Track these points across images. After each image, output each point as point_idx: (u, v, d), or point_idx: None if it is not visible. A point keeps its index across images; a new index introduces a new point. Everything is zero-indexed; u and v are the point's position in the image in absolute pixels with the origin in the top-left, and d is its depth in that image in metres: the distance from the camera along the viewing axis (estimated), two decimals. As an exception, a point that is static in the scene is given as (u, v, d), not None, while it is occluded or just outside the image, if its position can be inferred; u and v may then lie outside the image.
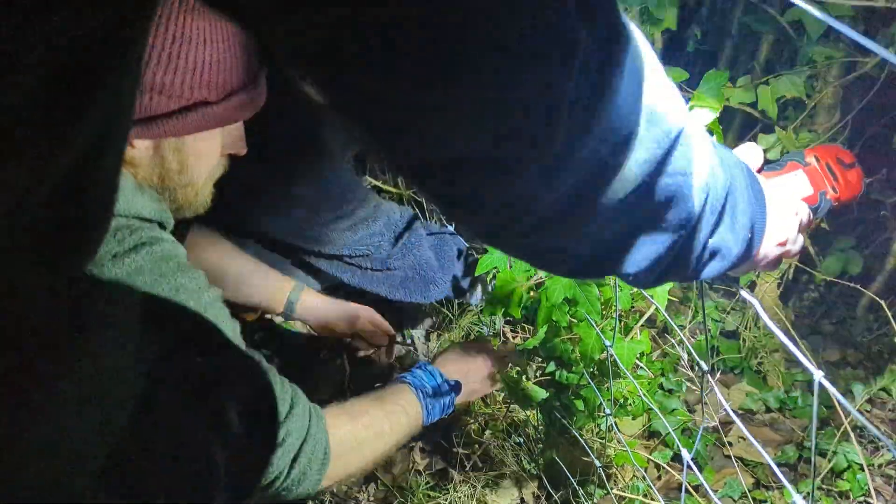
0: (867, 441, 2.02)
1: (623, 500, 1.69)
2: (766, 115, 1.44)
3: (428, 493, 1.77)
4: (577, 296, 1.20)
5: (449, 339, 1.97)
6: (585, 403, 1.44)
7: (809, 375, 1.92)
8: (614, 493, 1.54)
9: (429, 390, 1.34)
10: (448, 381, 1.39)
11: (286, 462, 1.02)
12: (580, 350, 1.32)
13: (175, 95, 0.86)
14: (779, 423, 1.96)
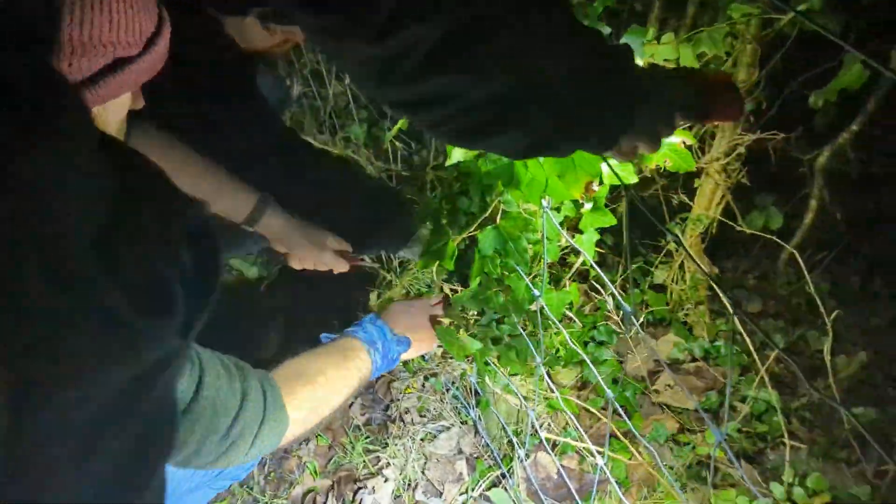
0: (786, 387, 2.14)
1: (556, 447, 1.76)
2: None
3: (367, 447, 1.81)
4: (506, 248, 1.24)
5: (389, 296, 1.99)
6: (518, 354, 1.48)
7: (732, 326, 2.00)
8: (545, 436, 1.59)
9: (379, 346, 1.37)
10: (397, 336, 1.43)
11: (246, 446, 1.06)
12: (511, 300, 1.36)
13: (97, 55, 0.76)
14: (703, 371, 2.05)
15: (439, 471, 1.76)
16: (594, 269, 1.24)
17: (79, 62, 0.75)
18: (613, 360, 1.95)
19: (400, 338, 1.44)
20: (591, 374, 1.95)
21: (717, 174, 1.79)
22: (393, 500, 1.71)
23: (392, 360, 1.42)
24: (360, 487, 1.71)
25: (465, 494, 1.71)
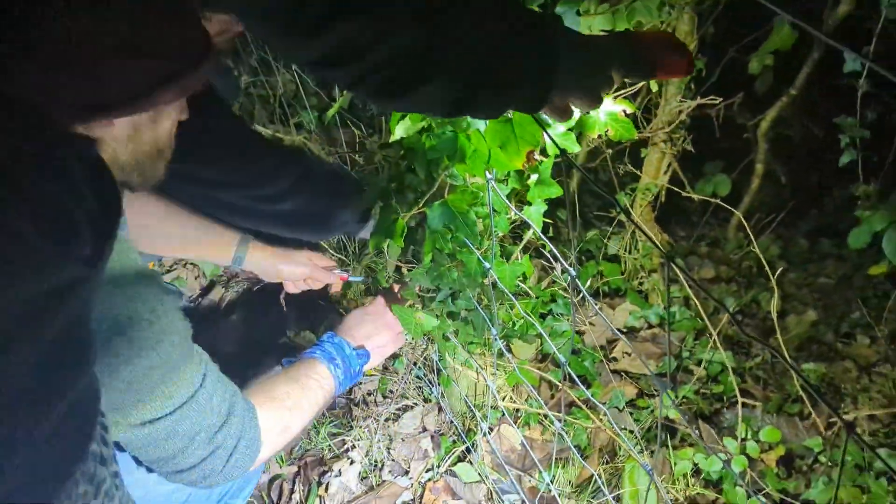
0: (741, 348, 2.20)
1: (518, 419, 1.79)
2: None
3: (332, 431, 1.81)
4: (455, 223, 1.25)
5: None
6: (474, 328, 1.50)
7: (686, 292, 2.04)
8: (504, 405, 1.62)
9: (339, 363, 1.37)
10: (356, 350, 1.43)
11: (223, 460, 1.06)
12: (464, 275, 1.37)
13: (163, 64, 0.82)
14: (660, 337, 2.10)
15: (405, 449, 1.77)
16: (543, 241, 1.26)
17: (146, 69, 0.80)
18: (571, 332, 1.98)
19: (359, 351, 1.44)
20: (547, 348, 1.98)
21: (663, 143, 1.83)
22: (360, 481, 1.72)
23: (355, 373, 1.41)
24: (325, 471, 1.72)
25: (432, 471, 1.73)
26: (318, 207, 1.71)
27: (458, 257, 1.37)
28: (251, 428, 1.11)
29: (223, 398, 1.06)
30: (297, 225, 1.73)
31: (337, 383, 1.35)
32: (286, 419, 1.21)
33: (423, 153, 1.20)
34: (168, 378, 0.97)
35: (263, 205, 1.70)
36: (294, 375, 1.30)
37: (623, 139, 1.29)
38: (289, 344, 1.98)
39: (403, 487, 1.70)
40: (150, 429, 0.97)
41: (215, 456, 1.06)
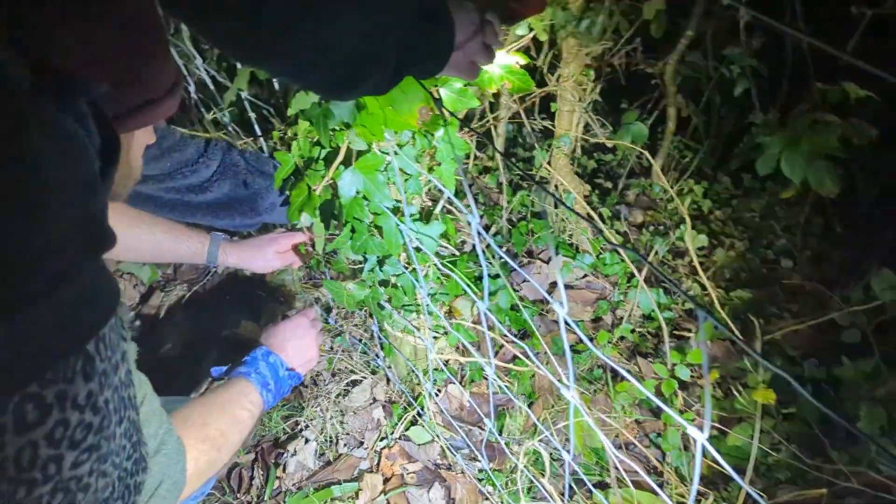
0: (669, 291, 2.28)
1: (464, 377, 1.84)
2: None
3: (285, 414, 1.84)
4: (366, 188, 1.28)
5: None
6: (405, 292, 1.54)
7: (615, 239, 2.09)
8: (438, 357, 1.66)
9: (272, 387, 1.36)
10: (289, 371, 1.43)
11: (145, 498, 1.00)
12: (385, 241, 1.41)
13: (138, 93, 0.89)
14: (593, 283, 2.17)
15: (358, 422, 1.81)
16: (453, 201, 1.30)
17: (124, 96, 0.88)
18: (508, 289, 2.04)
19: (292, 373, 1.43)
20: (491, 307, 2.03)
21: (570, 95, 1.88)
22: (317, 458, 1.75)
23: (283, 391, 1.41)
24: (280, 452, 1.75)
25: (386, 439, 1.77)
26: (243, 193, 1.73)
27: (376, 223, 1.41)
28: (176, 467, 1.05)
29: (153, 434, 1.02)
30: (225, 213, 1.75)
31: (266, 407, 1.34)
32: (213, 458, 1.18)
33: (324, 123, 1.23)
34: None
35: (188, 196, 1.72)
36: (228, 407, 1.26)
37: (521, 91, 1.34)
38: (231, 337, 2.00)
39: (360, 458, 1.74)
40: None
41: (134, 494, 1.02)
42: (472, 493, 1.64)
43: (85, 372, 0.57)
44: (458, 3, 0.99)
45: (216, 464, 1.17)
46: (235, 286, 2.21)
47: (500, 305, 2.01)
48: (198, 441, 1.12)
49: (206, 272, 2.26)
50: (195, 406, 1.22)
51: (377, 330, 1.81)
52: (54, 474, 0.56)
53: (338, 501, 1.65)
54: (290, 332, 1.50)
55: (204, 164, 1.69)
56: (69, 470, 0.58)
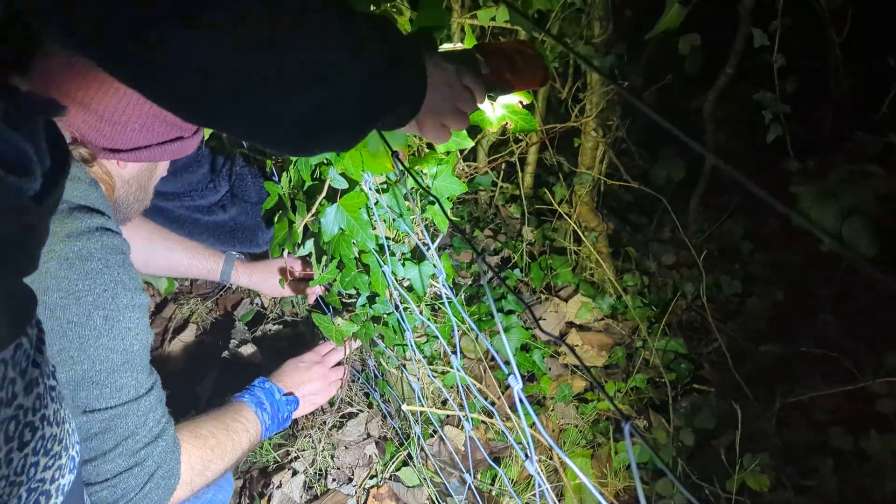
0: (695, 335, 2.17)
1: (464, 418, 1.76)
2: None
3: (277, 442, 1.81)
4: (349, 226, 1.23)
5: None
6: (394, 331, 1.48)
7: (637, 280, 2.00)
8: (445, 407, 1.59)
9: (267, 407, 1.38)
10: (285, 396, 1.44)
11: (140, 481, 1.06)
12: (371, 279, 1.36)
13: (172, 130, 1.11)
14: (612, 328, 2.07)
15: (349, 457, 1.76)
16: (459, 234, 1.24)
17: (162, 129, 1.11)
18: (520, 328, 1.96)
19: (289, 398, 1.45)
20: (499, 346, 1.96)
21: (593, 131, 1.80)
22: (305, 491, 1.71)
23: (283, 419, 1.43)
24: (267, 483, 1.71)
25: (376, 477, 1.71)
26: (247, 223, 1.72)
27: (363, 260, 1.36)
28: (172, 460, 1.11)
29: (158, 421, 1.08)
30: (228, 237, 1.75)
31: (263, 428, 1.37)
32: (207, 458, 1.21)
33: (306, 159, 1.19)
34: (123, 369, 1.01)
35: (199, 215, 1.73)
36: (220, 417, 1.31)
37: (524, 131, 1.27)
38: (229, 359, 1.97)
39: (347, 495, 1.69)
40: (89, 418, 0.99)
41: (132, 474, 1.06)
42: (457, 545, 1.57)
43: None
44: (435, 64, 0.92)
45: (209, 465, 1.21)
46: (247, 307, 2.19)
47: (511, 345, 1.93)
48: (190, 437, 1.18)
49: (220, 287, 2.25)
50: (189, 419, 1.28)
51: (373, 365, 1.76)
52: None
53: (319, 540, 1.60)
54: (292, 366, 1.55)
55: (213, 189, 1.70)
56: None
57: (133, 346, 1.02)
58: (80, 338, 0.97)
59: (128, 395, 1.02)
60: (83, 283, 0.96)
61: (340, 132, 0.79)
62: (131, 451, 1.04)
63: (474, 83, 0.91)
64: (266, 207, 1.36)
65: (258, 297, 2.20)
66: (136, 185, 1.19)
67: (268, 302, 2.18)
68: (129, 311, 1.02)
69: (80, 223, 0.97)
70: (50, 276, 0.94)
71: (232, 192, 1.79)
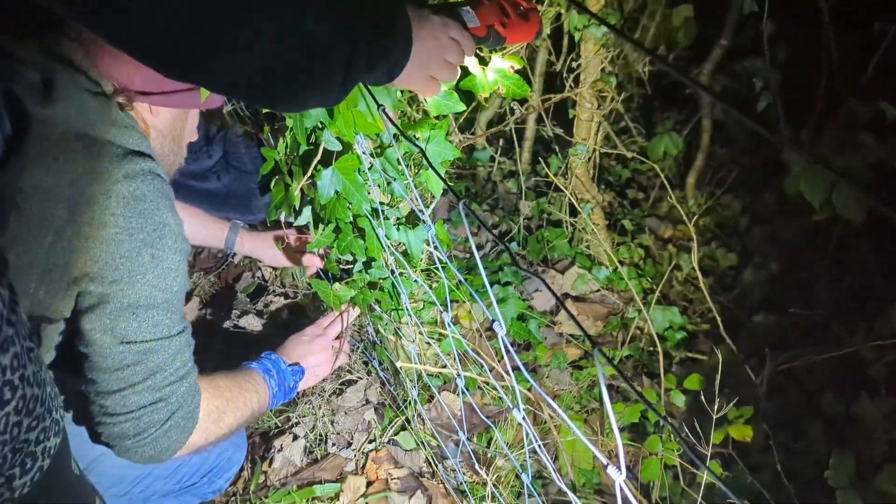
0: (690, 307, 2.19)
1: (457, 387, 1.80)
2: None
3: (279, 408, 1.84)
4: (345, 189, 1.26)
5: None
6: (390, 296, 1.51)
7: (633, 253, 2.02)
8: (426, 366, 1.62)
9: (273, 375, 1.43)
10: (291, 366, 1.50)
11: (161, 417, 1.11)
12: (367, 244, 1.39)
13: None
14: (607, 298, 2.09)
15: (348, 422, 1.80)
16: (453, 194, 1.27)
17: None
18: (516, 298, 1.99)
19: (294, 368, 1.50)
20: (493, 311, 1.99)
21: (588, 103, 1.82)
22: (305, 455, 1.75)
23: (290, 388, 1.48)
24: (268, 447, 1.75)
25: (375, 442, 1.75)
26: (240, 190, 1.74)
27: (358, 225, 1.39)
28: (193, 403, 1.16)
29: (184, 363, 1.14)
30: (221, 205, 1.77)
31: (271, 394, 1.42)
32: (222, 408, 1.26)
33: (300, 121, 1.21)
34: (162, 307, 1.07)
35: (192, 182, 1.75)
36: (233, 376, 1.36)
37: (516, 96, 1.29)
38: (232, 330, 2.01)
39: (347, 459, 1.73)
40: (125, 348, 1.05)
41: (156, 409, 1.10)
42: (453, 505, 1.61)
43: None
44: (421, 16, 0.94)
45: (223, 416, 1.26)
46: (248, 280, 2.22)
47: (507, 315, 1.96)
48: (208, 386, 1.24)
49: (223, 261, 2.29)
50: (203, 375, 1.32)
51: (372, 331, 1.79)
52: None
53: (318, 501, 1.64)
54: (296, 341, 1.59)
55: (206, 154, 1.72)
56: None
57: (172, 286, 1.08)
58: (129, 272, 1.02)
59: (161, 332, 1.08)
60: (136, 220, 1.01)
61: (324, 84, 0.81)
62: (158, 385, 1.09)
63: (461, 35, 0.93)
64: (263, 173, 1.38)
65: (259, 270, 2.23)
66: (170, 137, 1.23)
67: (269, 274, 2.22)
68: (173, 253, 1.07)
69: (136, 165, 1.01)
70: (108, 213, 0.98)
71: (225, 160, 1.82)
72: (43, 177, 0.94)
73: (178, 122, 1.24)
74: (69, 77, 1.00)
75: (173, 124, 1.23)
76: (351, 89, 0.89)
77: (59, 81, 0.99)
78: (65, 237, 0.97)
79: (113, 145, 1.01)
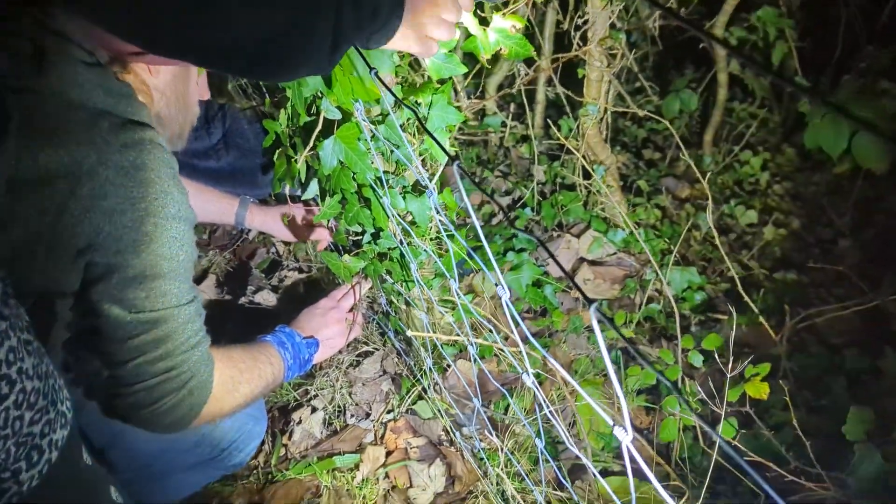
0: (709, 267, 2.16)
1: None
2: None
3: (297, 382, 1.85)
4: (348, 158, 1.24)
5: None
6: (401, 266, 1.50)
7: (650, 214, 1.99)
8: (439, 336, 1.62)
9: (288, 348, 1.44)
10: (305, 339, 1.50)
11: (175, 386, 1.11)
12: (373, 213, 1.38)
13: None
14: (624, 261, 2.06)
15: (366, 393, 1.80)
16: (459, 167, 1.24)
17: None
18: (531, 264, 1.97)
19: (308, 340, 1.50)
20: (511, 282, 1.97)
21: (597, 61, 1.78)
22: (325, 427, 1.76)
23: (304, 360, 1.48)
24: (287, 420, 1.76)
25: (393, 412, 1.76)
26: (245, 165, 1.73)
27: (364, 194, 1.37)
28: (206, 371, 1.16)
29: (195, 332, 1.13)
30: (228, 182, 1.76)
31: (286, 366, 1.42)
32: (236, 379, 1.26)
33: (299, 91, 1.19)
34: (169, 276, 1.06)
35: (194, 160, 1.74)
36: (247, 349, 1.36)
37: (518, 56, 1.26)
38: (248, 306, 2.02)
39: (366, 429, 1.74)
40: (134, 318, 1.04)
41: (169, 377, 1.10)
42: (472, 472, 1.61)
43: None
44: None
45: (238, 386, 1.27)
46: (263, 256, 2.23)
47: (522, 282, 1.95)
48: (222, 357, 1.23)
49: (237, 238, 2.29)
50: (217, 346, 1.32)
51: (385, 302, 1.78)
52: None
53: (339, 472, 1.65)
54: (309, 314, 1.58)
55: (207, 131, 1.71)
56: None
57: (178, 255, 1.06)
58: (133, 242, 1.01)
59: (170, 301, 1.07)
60: (137, 190, 1.00)
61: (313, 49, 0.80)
62: (170, 354, 1.09)
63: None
64: (265, 146, 1.37)
65: (273, 246, 2.23)
66: (174, 96, 1.21)
67: (283, 250, 2.22)
68: (177, 221, 1.05)
69: (135, 134, 1.00)
70: (109, 184, 0.97)
71: (226, 138, 1.81)
72: (42, 150, 0.93)
73: (181, 80, 1.21)
74: (61, 47, 0.98)
75: (175, 82, 1.20)
76: (343, 53, 0.87)
77: (50, 52, 0.97)
78: (67, 210, 0.96)
79: (111, 115, 0.99)
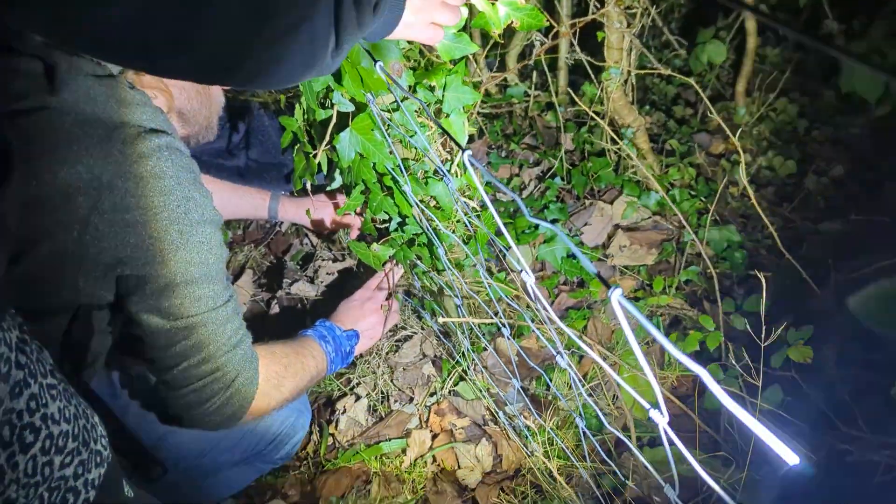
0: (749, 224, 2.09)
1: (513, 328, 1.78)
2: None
3: (340, 373, 1.87)
4: (365, 149, 1.23)
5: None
6: (430, 251, 1.49)
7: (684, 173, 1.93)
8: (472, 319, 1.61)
9: (329, 341, 1.47)
10: (346, 332, 1.53)
11: (222, 385, 1.14)
12: (397, 201, 1.36)
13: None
14: (660, 224, 2.02)
15: (408, 378, 1.81)
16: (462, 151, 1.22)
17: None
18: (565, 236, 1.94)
19: (349, 333, 1.54)
20: (546, 255, 1.95)
21: (617, 23, 1.72)
22: (370, 414, 1.77)
23: (346, 353, 1.51)
24: (333, 410, 1.78)
25: (436, 394, 1.76)
26: (271, 161, 1.74)
27: (385, 183, 1.36)
28: (250, 368, 1.19)
29: (235, 331, 1.15)
30: (255, 178, 1.77)
31: (328, 360, 1.45)
32: (281, 374, 1.29)
33: (310, 85, 1.18)
34: (201, 281, 1.07)
35: (219, 159, 1.76)
36: (289, 343, 1.39)
37: (532, 28, 1.23)
38: (286, 298, 2.03)
39: (410, 414, 1.74)
40: (172, 325, 1.06)
41: (215, 378, 1.13)
42: (517, 450, 1.61)
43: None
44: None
45: (282, 381, 1.29)
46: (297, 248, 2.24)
47: (557, 254, 1.92)
48: (265, 353, 1.26)
49: (271, 232, 2.31)
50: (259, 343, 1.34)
51: (419, 286, 1.78)
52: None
53: (386, 457, 1.67)
54: (346, 307, 1.63)
55: (229, 130, 1.72)
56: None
57: (208, 259, 1.07)
58: (160, 252, 1.02)
59: (206, 305, 1.08)
60: (158, 199, 1.00)
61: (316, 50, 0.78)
62: (213, 356, 1.11)
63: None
64: (283, 144, 1.37)
65: (307, 237, 2.24)
66: (193, 89, 1.21)
67: (316, 241, 2.22)
68: (202, 226, 1.06)
69: (151, 143, 1.00)
70: (129, 196, 0.97)
71: (249, 135, 1.82)
72: (61, 167, 0.93)
73: None
74: (72, 63, 0.99)
75: None
76: (346, 52, 0.85)
77: (61, 68, 0.97)
78: (91, 224, 0.96)
79: (126, 126, 0.98)
